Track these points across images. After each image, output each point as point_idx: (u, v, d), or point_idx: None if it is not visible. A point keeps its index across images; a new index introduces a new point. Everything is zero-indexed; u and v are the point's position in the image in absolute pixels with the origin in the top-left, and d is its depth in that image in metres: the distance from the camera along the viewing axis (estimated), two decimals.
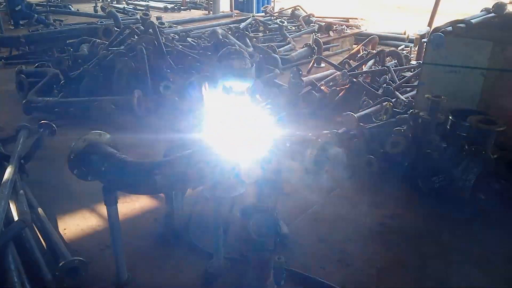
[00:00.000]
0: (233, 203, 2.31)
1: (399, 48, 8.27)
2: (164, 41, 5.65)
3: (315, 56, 6.52)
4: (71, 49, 6.07)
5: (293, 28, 10.30)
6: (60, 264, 2.27)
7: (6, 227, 2.45)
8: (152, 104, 4.69)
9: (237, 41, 6.22)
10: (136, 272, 2.44)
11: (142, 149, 4.04)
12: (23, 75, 5.23)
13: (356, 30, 10.42)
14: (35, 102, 4.66)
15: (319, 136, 2.02)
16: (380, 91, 5.14)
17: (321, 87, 5.30)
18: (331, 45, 9.28)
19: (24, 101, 4.62)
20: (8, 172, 2.94)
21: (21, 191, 2.83)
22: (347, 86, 5.41)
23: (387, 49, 8.13)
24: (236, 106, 2.38)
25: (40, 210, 2.82)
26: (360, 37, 9.29)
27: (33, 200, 2.93)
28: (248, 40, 6.77)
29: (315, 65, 7.15)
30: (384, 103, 4.38)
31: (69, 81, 5.02)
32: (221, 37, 5.57)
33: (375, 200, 3.21)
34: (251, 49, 6.44)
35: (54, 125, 3.61)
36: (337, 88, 5.32)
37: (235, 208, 2.36)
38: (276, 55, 6.45)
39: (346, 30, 9.96)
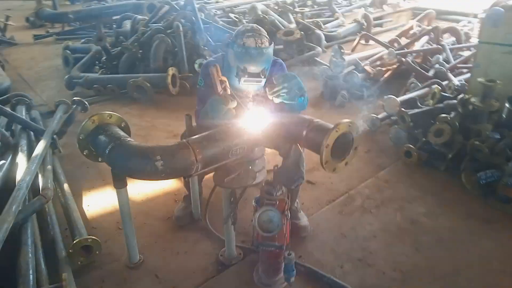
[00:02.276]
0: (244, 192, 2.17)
1: (460, 23, 7.50)
2: (203, 17, 5.54)
3: (362, 33, 6.07)
4: (114, 26, 6.14)
5: (344, 2, 9.74)
6: (74, 242, 2.30)
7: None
8: (186, 82, 4.64)
9: (278, 17, 5.94)
10: (149, 255, 2.42)
11: (172, 127, 4.03)
12: (68, 51, 5.39)
13: (414, 4, 9.65)
14: (77, 78, 4.79)
15: (337, 125, 1.80)
16: (431, 73, 4.69)
17: (365, 67, 4.94)
18: (384, 20, 8.68)
19: (66, 76, 4.76)
20: (39, 147, 3.02)
21: (49, 166, 2.90)
22: (394, 66, 5.00)
23: (445, 24, 7.44)
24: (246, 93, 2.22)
25: (66, 185, 2.89)
26: (419, 12, 8.56)
27: (61, 176, 3.01)
28: (291, 16, 6.46)
29: (362, 42, 6.72)
30: (434, 86, 3.98)
31: (110, 58, 5.09)
32: (260, 13, 5.34)
33: (409, 194, 2.93)
34: (293, 26, 6.14)
35: (86, 102, 3.66)
36: (383, 69, 4.93)
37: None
38: (320, 32, 6.10)
39: (402, 4, 9.25)
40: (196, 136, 1.91)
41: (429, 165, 3.21)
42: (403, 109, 3.62)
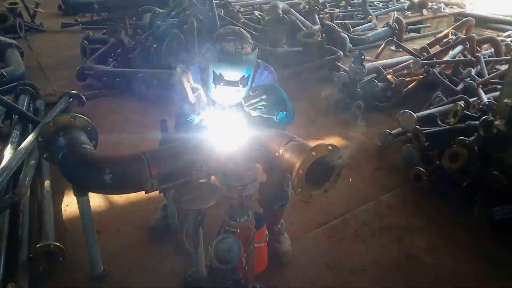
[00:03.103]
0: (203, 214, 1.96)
1: (505, 34, 6.88)
2: (223, 14, 5.36)
3: (388, 39, 5.68)
4: (134, 18, 6.08)
5: (380, 4, 9.26)
6: (36, 246, 2.19)
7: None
8: None
9: (301, 17, 5.66)
10: (114, 267, 2.27)
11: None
12: (86, 41, 5.38)
13: (458, 10, 9.03)
14: (89, 70, 4.74)
15: (313, 148, 1.57)
16: (459, 87, 4.28)
17: (387, 76, 4.59)
18: (422, 25, 8.17)
19: (78, 67, 4.73)
20: (27, 140, 2.94)
21: (32, 161, 2.82)
22: (420, 77, 4.62)
23: (489, 34, 6.86)
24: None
25: (47, 183, 2.79)
26: (462, 18, 7.97)
27: (45, 172, 2.92)
28: (316, 17, 6.15)
29: (392, 48, 6.32)
30: (459, 103, 3.59)
31: (124, 51, 5.02)
32: (280, 12, 5.09)
33: (412, 223, 2.63)
34: (317, 27, 5.84)
35: (83, 96, 3.58)
36: (407, 79, 4.55)
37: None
38: (344, 35, 5.76)
39: (443, 9, 8.66)
40: (155, 149, 1.73)
41: (439, 192, 2.87)
42: (418, 126, 3.28)
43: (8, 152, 2.85)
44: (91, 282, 2.18)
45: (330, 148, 1.66)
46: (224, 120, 1.96)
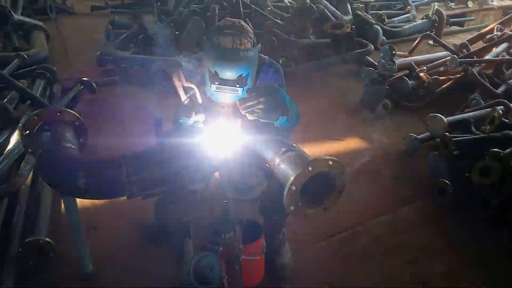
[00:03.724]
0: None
1: None
2: (249, 1, 5.14)
3: (424, 33, 5.26)
4: (159, 3, 5.97)
5: None
6: (26, 241, 2.12)
7: None
8: None
9: (331, 7, 5.34)
10: (105, 267, 2.17)
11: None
12: (110, 26, 5.32)
13: (509, 3, 8.34)
14: (109, 55, 4.68)
15: (310, 162, 1.37)
16: (500, 89, 3.88)
17: (420, 73, 4.23)
18: (465, 18, 7.60)
19: (98, 52, 4.67)
20: None
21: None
22: (457, 76, 4.23)
23: None
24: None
25: None
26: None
27: None
28: (348, 6, 5.80)
29: (430, 43, 5.87)
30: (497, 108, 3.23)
31: (146, 37, 4.92)
32: (308, 1, 4.81)
33: (430, 244, 2.36)
34: (348, 17, 5.51)
35: (94, 84, 3.50)
36: (442, 78, 4.18)
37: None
38: (377, 26, 5.39)
39: (492, 1, 8.02)
40: (136, 152, 1.58)
41: (466, 209, 2.58)
42: (448, 132, 2.97)
43: (14, 139, 2.81)
44: (79, 281, 2.10)
45: (331, 163, 1.45)
46: (219, 123, 1.78)
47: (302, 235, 2.41)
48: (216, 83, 1.74)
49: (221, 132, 1.75)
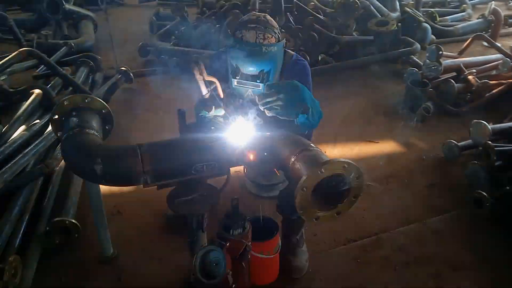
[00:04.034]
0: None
1: None
2: None
3: (476, 33, 4.91)
4: None
5: None
6: (53, 221, 2.22)
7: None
8: None
9: (376, 3, 5.13)
10: (124, 251, 2.24)
11: None
12: (154, 17, 5.45)
13: None
14: (151, 46, 4.80)
15: (324, 164, 1.33)
16: None
17: (468, 77, 3.97)
18: None
19: (140, 43, 4.81)
20: None
21: None
22: (510, 80, 3.93)
23: None
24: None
25: None
26: None
27: None
28: (396, 3, 5.55)
29: (485, 44, 5.49)
30: None
31: (187, 29, 5.00)
32: None
33: (458, 258, 2.21)
34: (396, 14, 5.27)
35: (131, 73, 3.60)
36: (492, 82, 3.90)
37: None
38: (427, 25, 5.11)
39: None
40: (153, 142, 1.59)
41: (502, 225, 2.39)
42: (491, 141, 2.76)
43: None
44: (98, 262, 2.17)
45: (346, 166, 1.39)
46: (239, 119, 1.76)
47: (322, 238, 2.34)
48: (237, 77, 1.72)
49: (240, 127, 1.73)
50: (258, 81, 1.71)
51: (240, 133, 1.68)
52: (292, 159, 1.51)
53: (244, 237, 1.56)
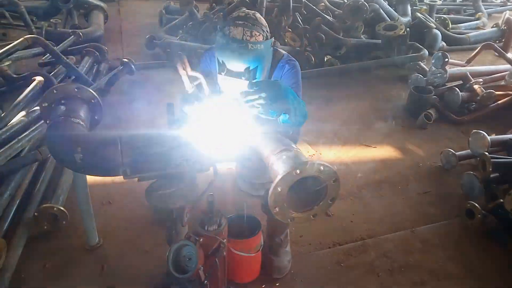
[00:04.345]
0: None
1: None
2: None
3: (485, 43, 4.82)
4: None
5: (498, 0, 8.00)
6: (41, 206, 2.25)
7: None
8: None
9: (387, 7, 5.07)
10: (110, 241, 2.27)
11: None
12: (163, 11, 5.48)
13: None
14: (157, 39, 4.82)
15: (299, 165, 1.32)
16: None
17: (474, 86, 3.90)
18: None
19: (147, 36, 4.83)
20: None
21: None
22: None
23: None
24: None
25: None
26: None
27: None
28: (408, 7, 5.47)
29: (496, 54, 5.39)
30: None
31: (195, 24, 5.01)
32: None
33: (445, 268, 2.18)
34: (406, 19, 5.21)
35: (133, 66, 3.62)
36: (497, 92, 3.82)
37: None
38: (437, 31, 5.04)
39: None
40: (134, 134, 1.60)
41: (493, 238, 2.35)
42: (488, 152, 2.72)
43: None
44: (83, 251, 2.20)
45: (322, 168, 1.38)
46: (223, 115, 1.76)
47: (308, 240, 2.33)
48: (223, 73, 1.72)
49: (224, 124, 1.73)
50: (243, 77, 1.71)
51: (224, 130, 1.68)
52: (272, 159, 1.51)
53: (218, 234, 1.56)
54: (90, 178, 2.72)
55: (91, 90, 1.93)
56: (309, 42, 4.57)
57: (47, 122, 1.95)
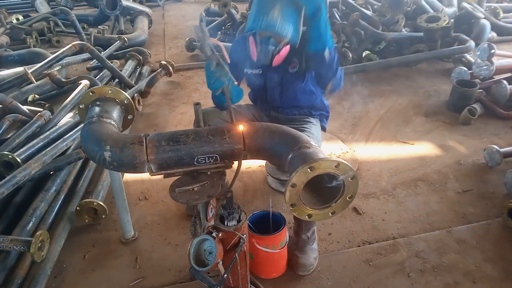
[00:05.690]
0: None
1: None
2: None
3: None
4: None
5: None
6: (82, 201, 2.42)
7: None
8: None
9: None
10: (145, 235, 2.39)
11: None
12: (203, 13, 5.62)
13: None
14: (197, 41, 4.96)
15: (313, 162, 1.34)
16: None
17: None
18: None
19: (187, 38, 4.99)
20: None
21: None
22: None
23: None
24: None
25: None
26: None
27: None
28: None
29: None
30: None
31: (234, 25, 5.09)
32: None
33: (481, 270, 2.05)
34: (451, 10, 4.94)
35: (171, 68, 3.76)
36: None
37: None
38: (485, 21, 4.73)
39: None
40: (160, 133, 1.68)
41: None
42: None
43: None
44: (120, 243, 2.33)
45: (337, 165, 1.38)
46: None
47: (337, 238, 2.31)
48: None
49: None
50: (271, 45, 1.94)
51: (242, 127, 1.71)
52: (290, 156, 1.52)
53: (237, 229, 1.60)
54: (128, 175, 2.90)
55: (123, 92, 2.05)
56: (347, 38, 4.48)
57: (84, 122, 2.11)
